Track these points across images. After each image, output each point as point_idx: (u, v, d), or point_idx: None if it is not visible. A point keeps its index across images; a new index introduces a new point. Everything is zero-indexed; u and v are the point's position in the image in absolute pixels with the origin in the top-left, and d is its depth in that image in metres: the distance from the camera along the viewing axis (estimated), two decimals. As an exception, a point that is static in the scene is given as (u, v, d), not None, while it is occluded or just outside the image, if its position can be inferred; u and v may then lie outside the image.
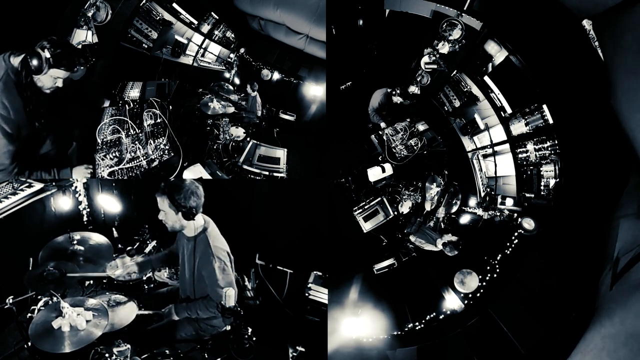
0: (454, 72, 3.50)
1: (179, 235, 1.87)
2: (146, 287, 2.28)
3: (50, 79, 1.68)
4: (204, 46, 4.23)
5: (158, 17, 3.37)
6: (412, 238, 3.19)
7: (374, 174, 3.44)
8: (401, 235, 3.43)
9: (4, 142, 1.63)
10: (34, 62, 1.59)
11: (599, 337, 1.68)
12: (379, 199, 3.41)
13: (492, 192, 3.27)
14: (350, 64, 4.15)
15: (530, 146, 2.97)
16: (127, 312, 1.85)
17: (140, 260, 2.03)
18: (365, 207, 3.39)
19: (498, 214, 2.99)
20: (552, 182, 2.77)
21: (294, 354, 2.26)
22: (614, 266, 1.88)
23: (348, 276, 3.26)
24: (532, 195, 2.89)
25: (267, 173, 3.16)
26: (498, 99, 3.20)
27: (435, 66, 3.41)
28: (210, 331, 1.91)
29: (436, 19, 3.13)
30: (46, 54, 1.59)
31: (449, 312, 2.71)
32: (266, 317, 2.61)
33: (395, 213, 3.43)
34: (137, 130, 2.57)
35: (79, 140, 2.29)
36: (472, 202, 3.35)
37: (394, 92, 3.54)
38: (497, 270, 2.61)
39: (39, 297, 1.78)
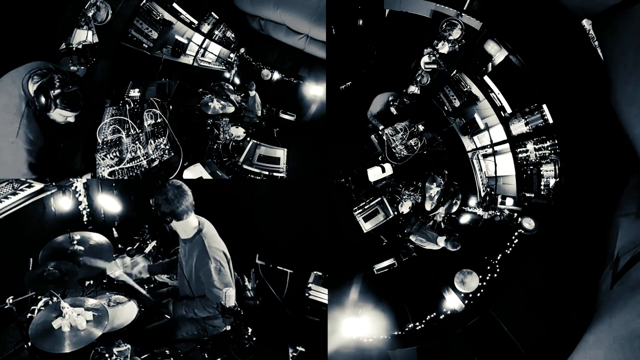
0: (454, 72, 3.50)
1: (179, 238, 1.87)
2: (146, 287, 2.28)
3: (61, 116, 1.67)
4: (204, 46, 4.23)
5: (158, 17, 3.37)
6: (412, 238, 3.19)
7: (374, 174, 3.44)
8: (401, 235, 3.43)
9: (28, 172, 1.64)
10: (42, 100, 1.57)
11: (599, 336, 1.68)
12: (379, 199, 3.41)
13: (492, 192, 3.27)
14: (350, 64, 4.15)
15: (530, 146, 2.97)
16: (127, 312, 1.85)
17: (153, 264, 2.06)
18: (365, 207, 3.38)
19: (498, 213, 2.99)
20: (552, 181, 2.77)
21: (294, 354, 2.25)
22: (615, 265, 1.88)
23: (348, 276, 3.26)
24: (532, 195, 2.89)
25: (267, 173, 3.16)
26: (498, 99, 3.20)
27: (435, 66, 3.42)
28: (212, 331, 1.91)
29: (436, 18, 3.13)
30: (53, 93, 1.57)
31: (449, 312, 2.71)
32: (266, 317, 2.61)
33: (395, 213, 3.43)
34: (137, 130, 2.57)
35: (81, 142, 2.29)
36: (472, 202, 3.35)
37: (391, 102, 3.53)
38: (498, 270, 2.61)
39: (39, 297, 1.78)
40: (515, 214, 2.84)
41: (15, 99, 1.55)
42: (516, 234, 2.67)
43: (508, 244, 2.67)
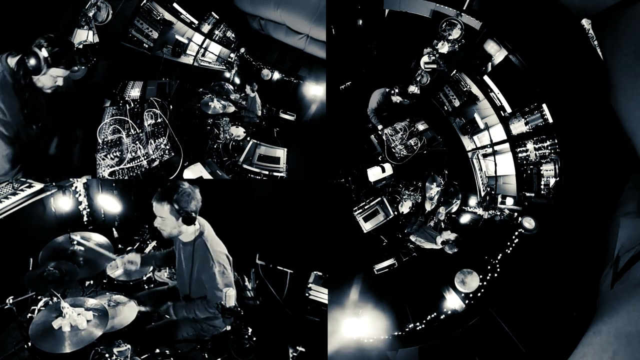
0: (454, 72, 3.50)
1: (175, 239, 1.86)
2: (146, 287, 2.28)
3: (51, 78, 1.62)
4: (204, 46, 4.24)
5: (159, 17, 3.38)
6: (412, 238, 3.19)
7: (374, 174, 3.44)
8: (401, 235, 3.43)
9: (2, 146, 1.59)
10: (32, 61, 1.52)
11: (600, 336, 1.68)
12: (379, 199, 3.41)
13: (492, 192, 3.27)
14: (350, 64, 4.16)
15: (530, 145, 2.97)
16: (128, 312, 1.85)
17: (144, 255, 2.00)
18: (365, 207, 3.38)
19: (498, 213, 2.99)
20: (552, 181, 2.77)
21: (294, 354, 2.25)
22: (615, 265, 1.88)
23: (348, 276, 3.26)
24: (533, 195, 2.89)
25: (267, 173, 3.17)
26: (498, 99, 3.20)
27: (434, 66, 3.42)
28: (212, 331, 1.90)
29: (436, 18, 3.13)
30: (44, 52, 1.53)
31: (449, 312, 2.71)
32: (266, 317, 2.60)
33: (395, 213, 3.43)
34: (137, 130, 2.57)
35: (81, 141, 2.29)
36: (473, 201, 3.35)
37: (392, 92, 3.53)
38: (498, 269, 2.60)
39: (39, 297, 1.78)
40: (516, 214, 2.83)
41: None
42: (516, 233, 2.67)
43: (508, 243, 2.67)
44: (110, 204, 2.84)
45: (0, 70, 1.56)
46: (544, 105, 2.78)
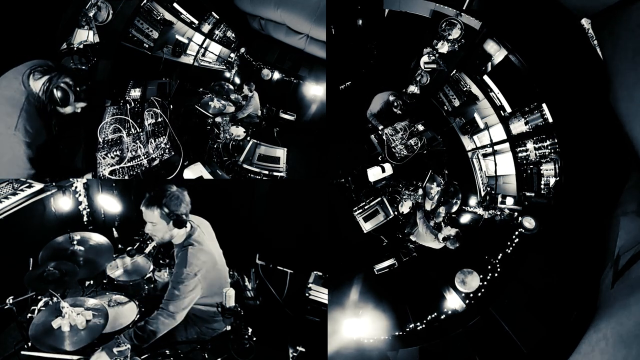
0: (454, 72, 3.50)
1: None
2: (146, 287, 2.27)
3: (73, 108, 1.74)
4: (204, 46, 4.24)
5: (159, 17, 3.38)
6: (412, 238, 3.19)
7: (374, 174, 3.44)
8: (401, 235, 3.43)
9: (28, 166, 1.63)
10: (60, 94, 1.62)
11: (600, 335, 1.68)
12: (379, 199, 3.41)
13: (493, 191, 3.28)
14: (350, 64, 4.16)
15: (530, 145, 2.98)
16: (127, 312, 1.85)
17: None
18: (365, 207, 3.38)
19: (498, 213, 2.98)
20: (552, 180, 2.77)
21: (294, 354, 2.24)
22: (615, 264, 1.88)
23: (348, 276, 3.26)
24: (533, 194, 2.89)
25: (267, 172, 3.17)
26: (497, 98, 3.20)
27: (434, 66, 3.42)
28: (211, 334, 1.91)
29: (435, 18, 3.13)
30: (72, 89, 1.64)
31: (450, 312, 2.71)
32: (266, 317, 2.60)
33: (395, 213, 3.43)
34: (138, 129, 2.57)
35: (82, 141, 2.30)
36: (473, 201, 3.35)
37: (395, 104, 3.53)
38: (498, 269, 2.60)
39: (39, 297, 1.78)
40: (516, 213, 2.83)
41: (17, 94, 1.57)
42: (516, 233, 2.67)
43: (508, 243, 2.67)
44: (110, 204, 2.84)
45: (24, 95, 1.59)
46: (544, 105, 2.78)
